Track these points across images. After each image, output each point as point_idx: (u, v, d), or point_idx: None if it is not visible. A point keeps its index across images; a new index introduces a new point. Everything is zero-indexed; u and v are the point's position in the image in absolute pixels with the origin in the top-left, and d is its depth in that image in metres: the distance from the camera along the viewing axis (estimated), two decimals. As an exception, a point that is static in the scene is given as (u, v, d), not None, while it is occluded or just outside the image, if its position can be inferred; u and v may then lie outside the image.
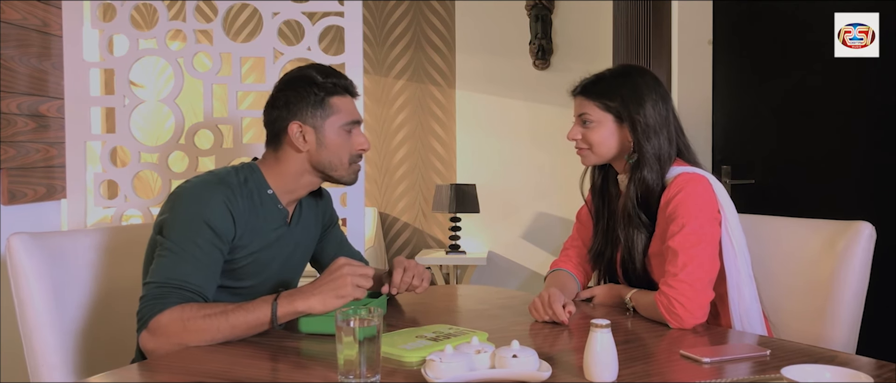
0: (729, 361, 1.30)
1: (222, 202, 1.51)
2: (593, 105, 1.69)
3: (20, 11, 2.31)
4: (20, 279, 1.52)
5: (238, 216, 1.54)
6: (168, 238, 1.48)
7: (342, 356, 1.15)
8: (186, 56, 2.52)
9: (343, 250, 1.89)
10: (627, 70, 1.76)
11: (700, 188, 1.61)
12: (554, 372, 1.19)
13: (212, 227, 1.49)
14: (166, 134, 2.76)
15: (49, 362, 1.53)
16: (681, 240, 1.56)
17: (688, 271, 1.53)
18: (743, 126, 3.08)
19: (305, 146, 1.61)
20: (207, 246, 1.48)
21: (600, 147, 1.70)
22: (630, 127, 1.66)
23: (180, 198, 1.52)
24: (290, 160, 1.62)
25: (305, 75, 1.63)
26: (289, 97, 1.62)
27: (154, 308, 1.41)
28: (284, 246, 1.67)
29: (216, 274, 1.52)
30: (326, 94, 1.61)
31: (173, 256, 1.46)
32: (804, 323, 1.67)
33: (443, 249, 4.30)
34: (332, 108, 1.61)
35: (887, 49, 2.71)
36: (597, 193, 1.84)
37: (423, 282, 1.67)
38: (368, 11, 4.41)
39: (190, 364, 1.33)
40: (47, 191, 2.46)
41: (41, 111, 2.42)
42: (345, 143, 1.63)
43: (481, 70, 4.40)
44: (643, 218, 1.68)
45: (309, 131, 1.60)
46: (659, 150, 1.66)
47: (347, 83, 1.65)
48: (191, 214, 1.49)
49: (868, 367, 1.27)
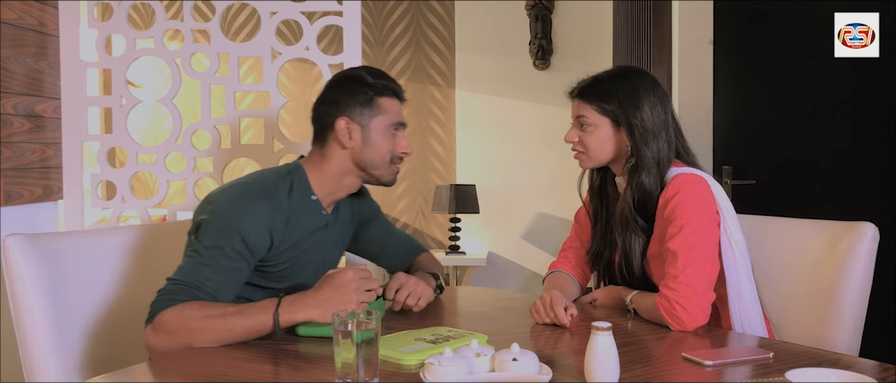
0: (731, 364, 1.29)
1: (262, 218, 1.53)
2: (590, 108, 1.67)
3: (16, 11, 2.29)
4: (15, 281, 1.50)
5: (277, 231, 1.56)
6: (200, 241, 1.50)
7: (340, 359, 1.14)
8: (184, 56, 2.50)
9: (390, 239, 1.93)
10: (625, 72, 1.74)
11: (698, 189, 1.59)
12: (554, 376, 1.17)
13: (245, 241, 1.51)
14: (165, 134, 2.74)
15: (44, 364, 1.52)
16: (680, 241, 1.54)
17: (688, 273, 1.52)
18: (743, 126, 3.07)
19: (350, 143, 1.64)
20: (235, 256, 1.50)
21: (597, 151, 1.69)
22: (627, 130, 1.64)
23: (221, 203, 1.54)
24: (335, 157, 1.65)
25: (356, 75, 1.68)
26: (339, 94, 1.66)
27: (163, 303, 1.43)
28: (322, 248, 1.70)
29: (237, 284, 1.53)
30: (375, 94, 1.65)
31: (199, 258, 1.48)
32: (807, 325, 1.65)
33: (442, 250, 4.28)
34: (380, 109, 1.65)
35: (887, 49, 2.70)
36: (595, 195, 1.82)
37: (420, 301, 1.66)
38: (368, 11, 4.40)
39: (187, 366, 1.32)
40: (44, 192, 2.44)
41: (37, 111, 2.41)
42: (389, 144, 1.66)
43: (481, 70, 4.39)
44: (641, 222, 1.66)
45: (355, 128, 1.64)
46: (657, 154, 1.64)
47: (396, 86, 1.70)
48: (227, 223, 1.51)
49: (872, 370, 1.26)
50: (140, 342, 1.71)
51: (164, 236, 1.87)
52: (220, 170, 2.52)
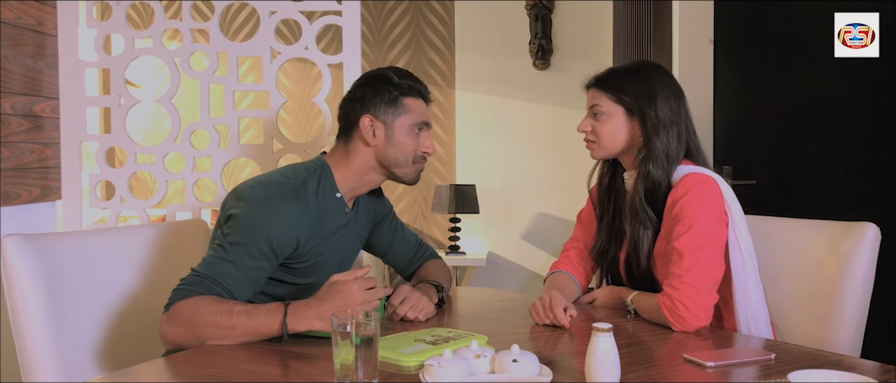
0: (733, 365, 1.29)
1: (290, 221, 1.55)
2: (605, 96, 1.70)
3: (15, 10, 2.29)
4: (13, 281, 1.50)
5: (303, 232, 1.58)
6: (226, 236, 1.53)
7: (339, 360, 1.13)
8: (183, 55, 2.50)
9: (397, 239, 1.93)
10: (642, 65, 1.79)
11: (708, 189, 1.60)
12: (555, 377, 1.17)
13: (271, 241, 1.53)
14: (164, 134, 2.74)
15: (42, 364, 1.51)
16: (687, 241, 1.54)
17: (692, 273, 1.52)
18: (743, 126, 3.06)
19: (374, 140, 1.66)
20: (259, 255, 1.52)
21: (609, 140, 1.70)
22: (640, 120, 1.66)
23: (251, 202, 1.55)
24: (359, 154, 1.68)
25: (383, 74, 1.71)
26: (365, 92, 1.69)
27: (181, 294, 1.46)
28: (344, 244, 1.73)
29: (258, 282, 1.55)
30: (401, 94, 1.68)
31: (223, 253, 1.51)
32: (808, 326, 1.65)
33: (442, 250, 4.28)
34: (405, 108, 1.68)
35: (887, 49, 2.70)
36: (603, 189, 1.82)
37: (420, 314, 1.65)
38: (367, 11, 4.39)
39: (187, 366, 1.31)
40: (42, 193, 2.44)
41: (36, 111, 2.40)
42: (412, 143, 1.68)
43: (481, 70, 4.38)
44: (650, 213, 1.66)
45: (379, 126, 1.66)
46: (667, 147, 1.65)
47: (422, 87, 1.72)
48: (254, 221, 1.53)
49: (874, 371, 1.25)
50: (139, 342, 1.71)
51: (164, 236, 1.86)
52: (219, 170, 2.51)
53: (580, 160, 1.91)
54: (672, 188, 1.63)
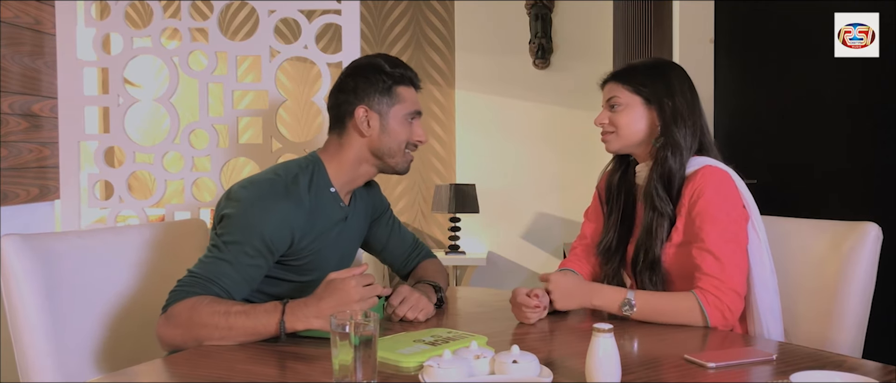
0: (734, 366, 1.28)
1: (283, 218, 1.55)
2: (623, 88, 1.71)
3: (13, 9, 2.28)
4: (11, 281, 1.49)
5: (298, 228, 1.58)
6: (221, 236, 1.52)
7: (337, 361, 1.13)
8: (182, 55, 2.49)
9: (394, 237, 1.93)
10: (659, 62, 1.80)
11: (728, 185, 1.61)
12: (555, 378, 1.16)
13: (265, 240, 1.52)
14: (163, 134, 2.74)
15: (41, 364, 1.50)
16: (718, 242, 1.56)
17: (728, 274, 1.54)
18: (744, 125, 3.06)
19: (369, 131, 1.65)
20: (255, 253, 1.52)
21: (627, 129, 1.69)
22: (658, 110, 1.67)
23: (244, 201, 1.55)
24: (353, 145, 1.67)
25: (374, 63, 1.69)
26: (357, 83, 1.66)
27: (178, 295, 1.45)
28: (342, 240, 1.72)
29: (253, 281, 1.55)
30: (394, 83, 1.67)
31: (219, 252, 1.50)
32: (810, 325, 1.64)
33: (442, 250, 4.27)
34: (398, 97, 1.67)
35: (887, 49, 2.70)
36: (613, 185, 1.81)
37: (419, 314, 1.64)
38: (367, 10, 4.39)
39: (185, 367, 1.31)
40: (40, 192, 2.43)
41: (34, 110, 2.39)
42: (405, 132, 1.68)
43: (481, 69, 4.38)
44: (666, 198, 1.65)
45: (374, 117, 1.65)
46: (684, 137, 1.66)
47: (413, 75, 1.71)
48: (247, 220, 1.52)
49: (875, 372, 1.24)
50: (137, 342, 1.70)
51: (162, 236, 1.85)
52: (219, 169, 2.50)
53: (580, 160, 1.90)
54: (687, 180, 1.63)
